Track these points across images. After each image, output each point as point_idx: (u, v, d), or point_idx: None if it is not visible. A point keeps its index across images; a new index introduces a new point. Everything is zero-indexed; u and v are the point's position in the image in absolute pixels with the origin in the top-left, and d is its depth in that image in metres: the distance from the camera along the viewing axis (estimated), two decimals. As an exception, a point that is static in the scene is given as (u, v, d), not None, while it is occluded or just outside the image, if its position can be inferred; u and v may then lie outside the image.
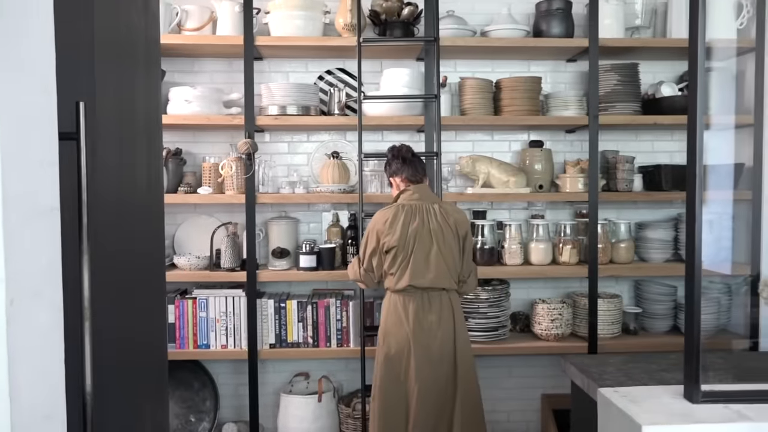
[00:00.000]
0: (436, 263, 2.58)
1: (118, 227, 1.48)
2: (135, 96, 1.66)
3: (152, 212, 1.82)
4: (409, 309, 2.59)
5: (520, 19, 3.46)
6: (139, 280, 1.66)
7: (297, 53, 3.38)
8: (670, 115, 3.26)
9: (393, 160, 2.77)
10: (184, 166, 3.40)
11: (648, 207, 3.57)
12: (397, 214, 2.61)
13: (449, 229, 2.62)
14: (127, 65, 1.62)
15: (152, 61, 1.86)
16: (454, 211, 2.69)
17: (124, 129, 1.57)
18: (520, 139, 3.56)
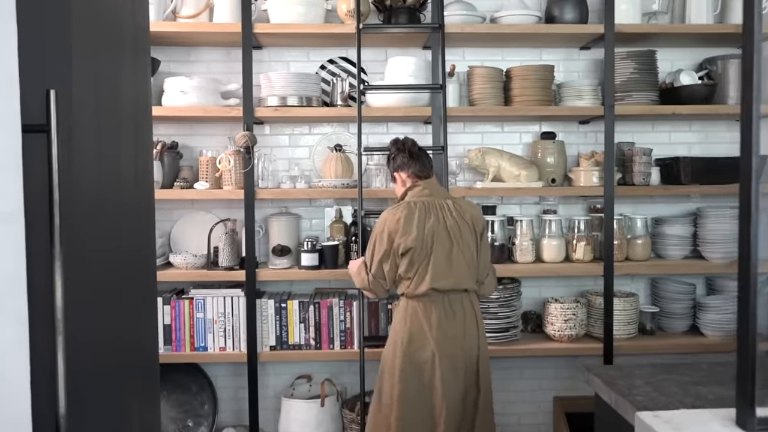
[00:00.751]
0: (457, 263, 2.39)
1: (98, 223, 1.34)
2: (120, 85, 1.52)
3: (141, 207, 1.69)
4: (432, 317, 2.37)
5: (532, 4, 3.30)
6: (126, 278, 1.53)
7: (298, 41, 3.22)
8: (690, 105, 3.11)
9: (398, 154, 2.58)
10: (180, 160, 3.25)
11: (665, 201, 3.42)
12: (411, 212, 2.41)
13: (466, 226, 2.44)
14: (112, 52, 1.48)
15: (140, 48, 1.72)
16: (469, 207, 2.52)
17: (107, 119, 1.43)
18: (532, 131, 3.41)
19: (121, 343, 1.49)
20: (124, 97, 1.55)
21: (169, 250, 3.29)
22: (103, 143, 1.40)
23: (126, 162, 1.55)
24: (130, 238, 1.56)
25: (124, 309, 1.50)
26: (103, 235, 1.36)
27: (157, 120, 3.19)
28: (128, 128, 1.58)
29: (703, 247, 3.20)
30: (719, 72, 3.25)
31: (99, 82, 1.38)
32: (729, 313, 3.14)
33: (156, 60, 3.14)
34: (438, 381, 2.36)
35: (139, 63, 1.68)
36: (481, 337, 2.46)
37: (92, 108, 1.34)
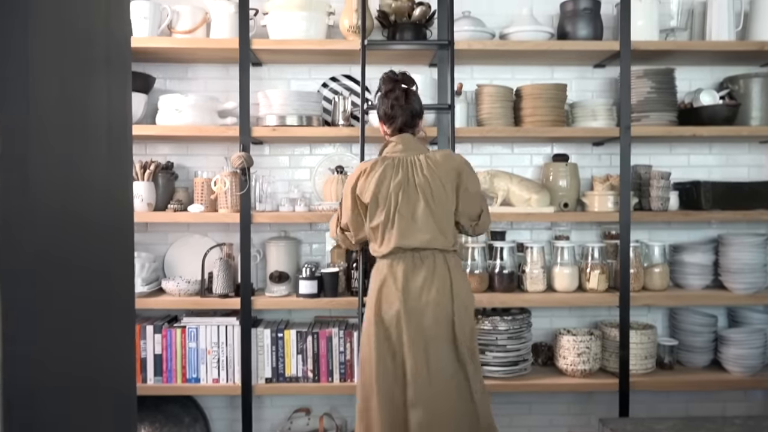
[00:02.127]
0: (425, 221, 2.23)
1: (59, 249, 1.20)
2: (89, 104, 1.38)
3: (119, 231, 1.55)
4: (398, 270, 2.24)
5: (543, 20, 3.16)
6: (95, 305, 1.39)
7: (298, 58, 3.09)
8: (711, 126, 2.94)
9: (382, 102, 2.38)
10: (175, 180, 3.12)
11: (684, 227, 3.24)
12: (375, 167, 2.29)
13: (438, 182, 2.26)
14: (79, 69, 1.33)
15: (118, 62, 1.57)
16: (445, 160, 2.31)
17: (73, 142, 1.29)
18: (543, 153, 3.25)
19: (84, 377, 1.34)
20: (95, 117, 1.41)
21: (162, 274, 3.15)
22: (67, 166, 1.26)
23: (98, 185, 1.41)
24: (102, 264, 1.42)
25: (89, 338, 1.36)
26: (63, 262, 1.23)
27: (151, 139, 3.09)
28: (99, 149, 1.44)
29: (725, 276, 3.01)
30: (741, 91, 3.09)
31: (62, 102, 1.25)
32: (753, 347, 2.95)
33: (150, 77, 3.02)
34: (407, 344, 2.19)
35: (114, 79, 1.55)
36: (456, 298, 2.24)
37: (54, 130, 1.21)
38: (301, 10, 2.87)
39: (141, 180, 2.91)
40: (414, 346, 2.19)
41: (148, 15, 2.87)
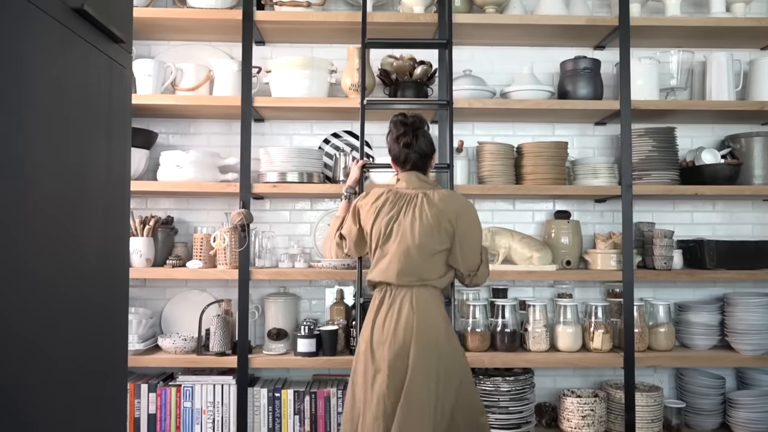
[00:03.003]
0: (398, 258, 2.21)
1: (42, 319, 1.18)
2: (85, 162, 1.38)
3: (112, 291, 1.53)
4: (385, 307, 2.24)
5: (544, 79, 3.18)
6: (85, 367, 1.35)
7: (300, 115, 3.11)
8: (713, 185, 2.93)
9: (393, 144, 2.36)
10: (175, 235, 3.11)
11: (689, 286, 3.20)
12: (380, 197, 2.33)
13: (426, 221, 2.21)
14: (77, 131, 1.34)
15: (118, 125, 1.59)
16: (441, 201, 2.26)
17: (68, 203, 1.29)
18: (545, 209, 3.23)
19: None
20: (93, 176, 1.42)
21: (159, 330, 3.11)
22: (61, 227, 1.25)
23: (93, 244, 1.40)
24: (92, 326, 1.40)
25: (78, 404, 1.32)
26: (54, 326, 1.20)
27: (151, 194, 3.09)
28: (94, 211, 1.43)
29: (732, 337, 2.95)
30: (743, 150, 3.08)
31: (59, 166, 1.25)
32: (763, 411, 2.87)
33: (153, 133, 3.04)
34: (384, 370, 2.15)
35: (114, 140, 1.55)
36: (417, 332, 2.15)
37: (49, 190, 1.20)
38: (304, 68, 2.90)
39: (140, 235, 2.90)
40: (372, 377, 2.18)
41: (153, 72, 2.91)
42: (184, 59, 3.11)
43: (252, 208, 2.90)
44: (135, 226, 2.90)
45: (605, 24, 2.94)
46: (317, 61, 2.94)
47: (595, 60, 3.02)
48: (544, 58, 3.24)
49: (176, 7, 3.04)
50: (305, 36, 3.12)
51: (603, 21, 2.94)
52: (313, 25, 2.96)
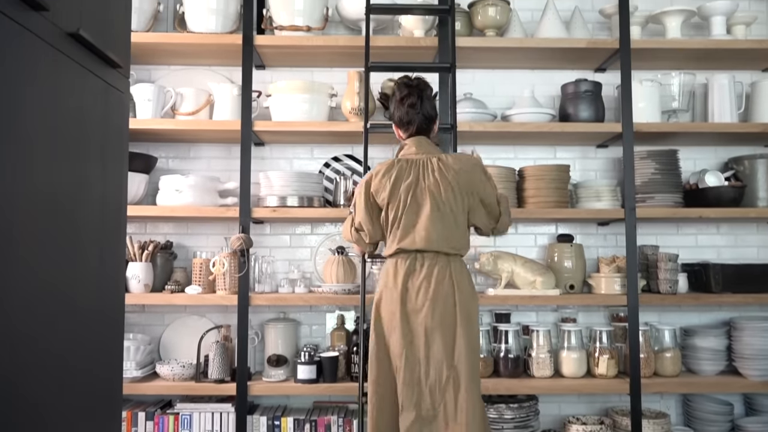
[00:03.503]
0: (428, 224, 2.19)
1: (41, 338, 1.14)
2: (79, 187, 1.36)
3: (107, 319, 1.50)
4: (400, 271, 2.21)
5: (545, 101, 3.17)
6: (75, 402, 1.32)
7: (300, 139, 3.10)
8: (717, 208, 2.90)
9: (396, 108, 2.37)
10: (174, 260, 3.08)
11: (694, 310, 3.15)
12: (390, 168, 2.27)
13: (448, 185, 2.22)
14: (70, 158, 1.32)
15: (114, 150, 1.58)
16: (456, 162, 2.26)
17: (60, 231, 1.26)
18: (547, 233, 3.20)
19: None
20: (87, 202, 1.39)
21: (158, 357, 3.07)
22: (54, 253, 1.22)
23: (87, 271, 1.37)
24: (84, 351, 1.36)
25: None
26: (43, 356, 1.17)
27: (151, 219, 3.07)
28: (90, 237, 1.40)
29: (740, 362, 2.90)
30: (746, 172, 3.05)
31: (53, 187, 1.22)
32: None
33: (152, 157, 3.03)
34: (396, 341, 2.17)
35: (110, 166, 1.53)
36: (460, 303, 2.17)
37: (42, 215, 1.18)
38: (304, 92, 2.89)
39: (139, 260, 2.87)
40: (407, 348, 2.15)
41: (152, 97, 2.90)
42: (185, 83, 3.10)
43: (252, 232, 2.88)
44: (133, 251, 2.88)
45: (606, 47, 2.93)
46: (317, 85, 2.94)
47: (596, 83, 3.01)
48: (545, 80, 3.23)
49: (177, 31, 3.05)
50: (305, 60, 3.12)
51: (603, 44, 2.94)
52: (313, 50, 2.96)
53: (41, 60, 1.17)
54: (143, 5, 2.95)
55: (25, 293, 1.11)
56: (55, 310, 1.23)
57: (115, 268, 1.57)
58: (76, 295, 1.32)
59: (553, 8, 3.06)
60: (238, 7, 3.01)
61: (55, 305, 1.23)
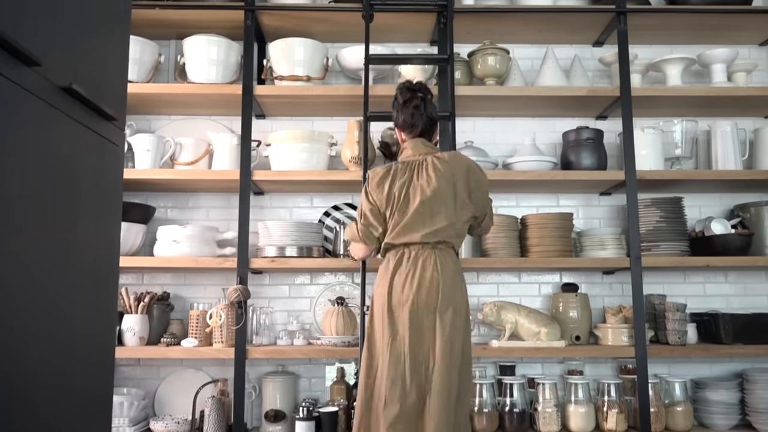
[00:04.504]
0: (416, 218, 2.22)
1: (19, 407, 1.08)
2: (71, 241, 1.32)
3: (98, 379, 1.44)
4: (389, 267, 2.24)
5: (546, 149, 3.15)
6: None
7: (300, 188, 3.07)
8: (724, 257, 2.84)
9: (399, 112, 2.38)
10: (171, 312, 3.01)
11: (705, 361, 3.06)
12: (388, 172, 2.31)
13: (443, 181, 2.24)
14: (62, 211, 1.28)
15: (107, 202, 1.54)
16: (452, 159, 2.31)
17: (52, 284, 1.22)
18: (552, 282, 3.14)
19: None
20: (79, 257, 1.35)
21: (152, 412, 2.98)
22: (45, 307, 1.18)
23: (78, 326, 1.33)
24: (67, 409, 1.30)
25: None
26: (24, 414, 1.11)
27: (148, 270, 3.02)
28: (80, 291, 1.36)
29: (754, 416, 2.80)
30: (753, 219, 3.01)
31: (43, 240, 1.18)
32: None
33: (150, 207, 3.00)
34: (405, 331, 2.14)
35: (104, 219, 1.50)
36: (442, 291, 2.15)
37: (33, 269, 1.14)
38: (303, 141, 2.87)
39: (134, 313, 2.81)
40: (391, 343, 2.15)
41: (151, 147, 2.89)
42: (185, 133, 3.10)
43: (251, 282, 2.83)
44: (129, 303, 2.82)
45: (606, 95, 2.93)
46: (317, 134, 2.92)
47: (598, 130, 2.99)
48: (546, 128, 3.22)
49: (177, 82, 3.05)
50: (305, 109, 3.12)
51: (604, 92, 2.93)
52: (313, 99, 2.96)
53: (32, 114, 1.15)
54: (144, 57, 2.96)
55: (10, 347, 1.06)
56: (40, 365, 1.17)
57: (106, 322, 1.52)
58: (62, 350, 1.27)
59: (553, 57, 3.06)
60: (238, 58, 3.02)
61: (39, 360, 1.17)
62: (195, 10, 2.94)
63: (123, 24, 1.64)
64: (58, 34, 1.26)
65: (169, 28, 3.10)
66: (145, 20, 2.97)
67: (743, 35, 3.18)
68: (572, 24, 3.08)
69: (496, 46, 3.01)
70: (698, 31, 3.15)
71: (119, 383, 2.96)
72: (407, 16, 3.00)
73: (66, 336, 1.28)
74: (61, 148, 1.28)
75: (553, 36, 3.19)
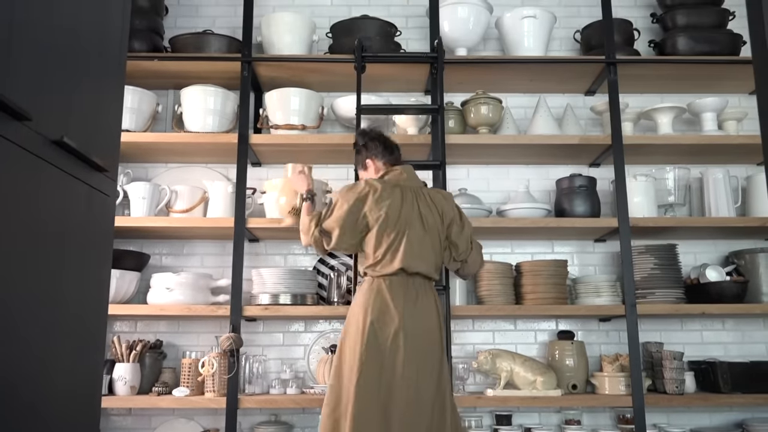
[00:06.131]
0: (426, 250, 2.30)
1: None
2: (58, 293, 1.32)
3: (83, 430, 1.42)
4: (399, 294, 2.23)
5: (540, 196, 3.17)
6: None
7: (295, 235, 3.02)
8: (720, 304, 2.83)
9: (371, 142, 2.49)
10: (163, 360, 2.98)
11: (704, 410, 3.02)
12: (386, 188, 2.32)
13: (437, 217, 2.35)
14: (50, 258, 1.29)
15: (97, 253, 1.54)
16: (439, 197, 2.41)
17: (40, 334, 1.21)
18: (547, 329, 3.12)
19: None
20: (66, 308, 1.35)
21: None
22: (28, 360, 1.17)
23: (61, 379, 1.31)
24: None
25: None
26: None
27: (141, 318, 3.01)
28: (67, 341, 1.35)
29: (757, 469, 2.75)
30: (748, 266, 3.01)
31: (29, 293, 1.19)
32: None
33: (144, 255, 3.00)
34: (400, 362, 2.15)
35: (91, 269, 1.50)
36: (441, 327, 2.29)
37: (18, 321, 1.13)
38: (298, 189, 2.89)
39: (126, 361, 2.79)
40: (407, 365, 2.15)
41: (147, 195, 2.91)
42: (181, 180, 3.12)
43: (244, 330, 2.81)
44: (121, 352, 2.80)
45: (598, 143, 2.96)
46: (313, 182, 2.94)
47: (591, 177, 3.02)
48: (540, 175, 3.24)
49: (174, 131, 3.09)
50: (301, 157, 3.14)
51: (596, 140, 2.96)
52: (308, 147, 3.00)
53: (20, 167, 1.16)
54: (142, 106, 3.01)
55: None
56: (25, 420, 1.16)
57: (92, 374, 1.50)
58: (47, 402, 1.26)
59: (545, 105, 3.11)
60: (235, 107, 3.07)
61: (23, 415, 1.16)
62: (193, 61, 3.00)
63: (118, 76, 1.67)
64: (49, 87, 1.29)
65: (167, 79, 3.15)
66: (144, 71, 3.02)
67: (732, 84, 3.22)
68: (563, 74, 3.14)
69: (489, 95, 3.06)
70: (688, 81, 3.20)
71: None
72: (400, 67, 3.06)
73: (47, 387, 1.27)
74: (49, 200, 1.29)
75: (546, 85, 3.24)
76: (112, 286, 2.74)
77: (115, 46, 1.65)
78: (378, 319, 2.19)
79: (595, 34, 3.16)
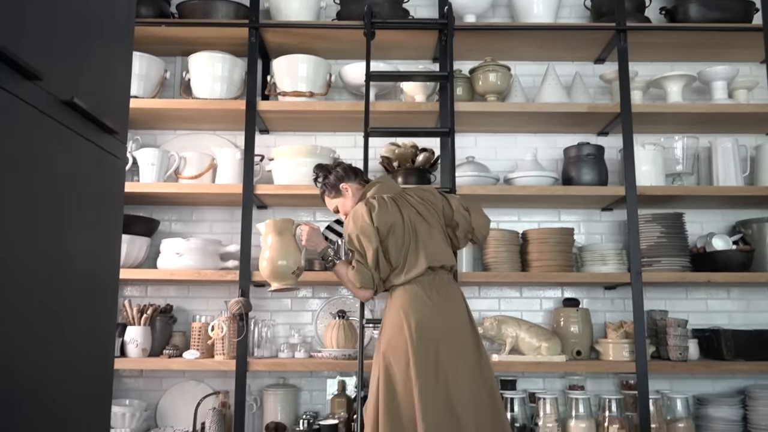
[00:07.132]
0: (438, 241, 2.30)
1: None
2: (70, 254, 1.34)
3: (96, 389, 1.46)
4: (432, 290, 2.21)
5: (547, 165, 3.17)
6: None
7: (303, 201, 3.10)
8: (726, 273, 2.84)
9: (334, 170, 2.46)
10: (174, 324, 3.04)
11: (707, 377, 3.05)
12: (382, 201, 2.29)
13: (432, 209, 2.35)
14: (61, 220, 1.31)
15: (108, 215, 1.56)
16: (424, 192, 2.40)
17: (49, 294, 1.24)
18: (553, 297, 3.14)
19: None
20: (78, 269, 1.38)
21: (154, 423, 3.00)
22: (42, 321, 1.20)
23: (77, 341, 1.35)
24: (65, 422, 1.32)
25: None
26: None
27: (152, 282, 3.05)
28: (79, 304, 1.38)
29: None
30: (755, 236, 3.01)
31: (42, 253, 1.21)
32: None
33: (154, 221, 3.03)
34: (453, 359, 2.12)
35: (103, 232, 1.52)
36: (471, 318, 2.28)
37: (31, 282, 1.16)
38: (306, 156, 2.91)
39: (137, 324, 2.84)
40: (452, 361, 2.13)
41: (156, 161, 2.93)
42: (189, 147, 3.14)
43: (253, 295, 2.85)
44: (132, 315, 2.85)
45: (607, 111, 2.95)
46: (320, 149, 2.96)
47: (599, 146, 3.01)
48: (547, 144, 3.24)
49: (182, 98, 3.10)
50: (308, 124, 3.15)
51: (605, 108, 2.95)
52: (316, 114, 3.00)
53: (32, 127, 1.18)
54: (150, 72, 3.01)
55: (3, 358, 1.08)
56: (35, 375, 1.19)
57: (105, 335, 1.54)
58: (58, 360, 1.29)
59: (554, 73, 3.09)
60: (242, 74, 3.07)
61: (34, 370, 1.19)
62: (200, 27, 2.99)
63: (126, 40, 1.68)
64: (61, 49, 1.30)
65: (175, 45, 3.15)
66: (152, 37, 3.02)
67: (743, 53, 3.19)
68: (573, 41, 3.11)
69: (497, 63, 3.04)
70: (698, 49, 3.17)
71: (122, 394, 2.98)
72: (409, 34, 3.04)
73: (61, 347, 1.30)
74: (61, 160, 1.31)
75: (554, 53, 3.22)
76: (123, 251, 2.78)
77: (124, 10, 1.65)
78: (421, 321, 2.14)
79: (605, 1, 3.12)
